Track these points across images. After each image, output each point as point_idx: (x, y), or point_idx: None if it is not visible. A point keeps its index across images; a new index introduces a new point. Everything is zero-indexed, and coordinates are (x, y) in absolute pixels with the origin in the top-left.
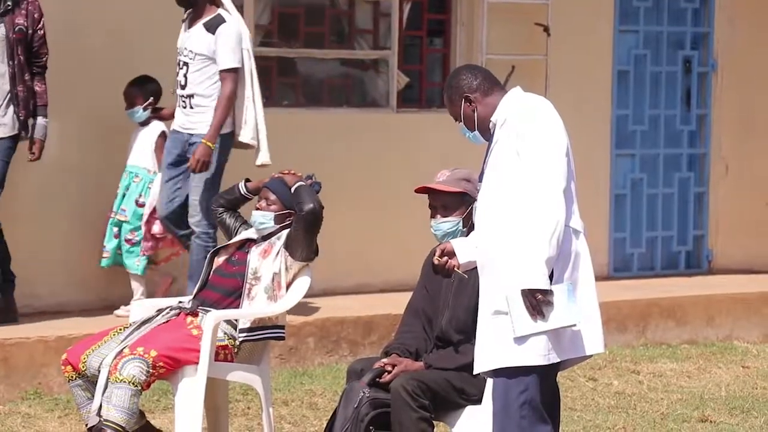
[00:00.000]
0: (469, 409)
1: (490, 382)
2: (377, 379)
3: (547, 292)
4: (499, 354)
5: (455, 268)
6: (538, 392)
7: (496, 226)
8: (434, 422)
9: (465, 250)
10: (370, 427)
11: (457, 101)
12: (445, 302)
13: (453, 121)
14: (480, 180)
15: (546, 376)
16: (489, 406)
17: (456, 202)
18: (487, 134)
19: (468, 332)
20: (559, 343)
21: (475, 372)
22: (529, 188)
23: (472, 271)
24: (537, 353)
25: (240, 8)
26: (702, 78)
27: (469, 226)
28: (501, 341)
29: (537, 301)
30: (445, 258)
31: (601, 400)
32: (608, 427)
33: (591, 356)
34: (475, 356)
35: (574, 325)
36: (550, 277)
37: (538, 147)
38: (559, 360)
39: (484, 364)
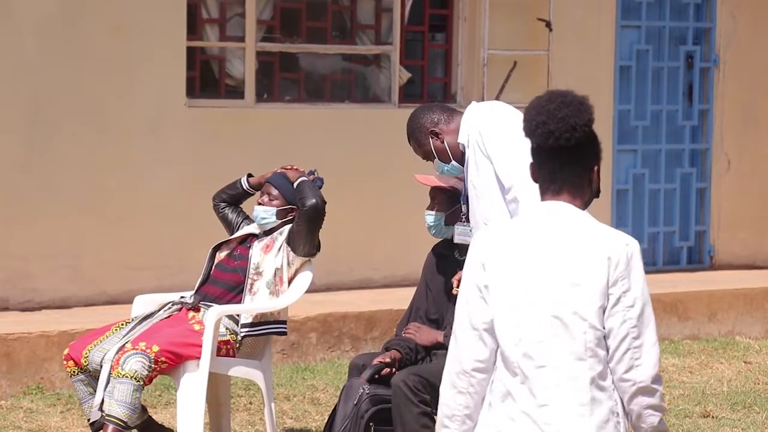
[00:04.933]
0: None
1: None
2: (376, 376)
3: None
4: None
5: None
6: None
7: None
8: (435, 417)
9: None
10: (371, 423)
11: (425, 140)
12: (451, 299)
13: None
14: (464, 202)
15: None
16: None
17: (442, 197)
18: (463, 160)
19: None
20: None
21: None
22: (508, 188)
23: None
24: None
25: (242, 4)
26: (704, 73)
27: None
28: None
29: None
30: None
31: None
32: None
33: None
34: None
35: None
36: None
37: (501, 144)
38: None
39: None
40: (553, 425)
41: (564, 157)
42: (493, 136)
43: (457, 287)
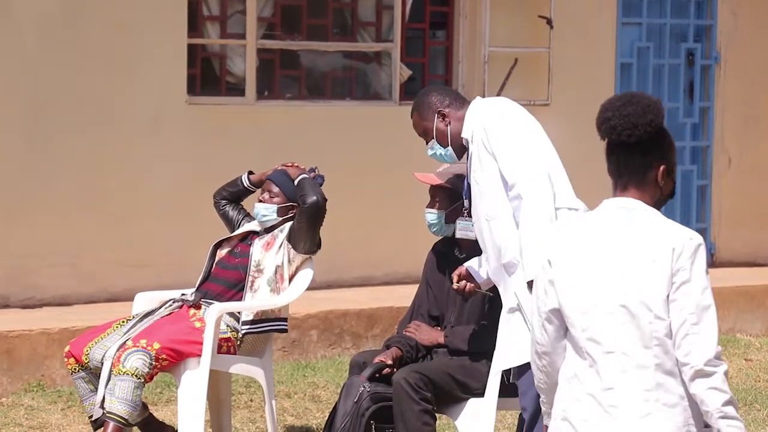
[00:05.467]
0: (472, 402)
1: (494, 377)
2: (377, 375)
3: None
4: (518, 351)
5: (475, 289)
6: None
7: (495, 234)
8: (437, 415)
9: (481, 270)
10: (371, 421)
11: (430, 117)
12: (453, 299)
13: None
14: (467, 197)
15: None
16: (492, 399)
17: (442, 196)
18: (461, 152)
19: (477, 325)
20: None
21: (497, 370)
22: (512, 184)
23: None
24: None
25: (243, 1)
26: (705, 70)
27: (454, 223)
28: (518, 338)
29: None
30: (464, 282)
31: None
32: None
33: None
34: (494, 356)
35: None
36: None
37: (506, 141)
38: None
39: (506, 362)
40: (618, 408)
41: (627, 153)
42: (498, 133)
43: (457, 282)
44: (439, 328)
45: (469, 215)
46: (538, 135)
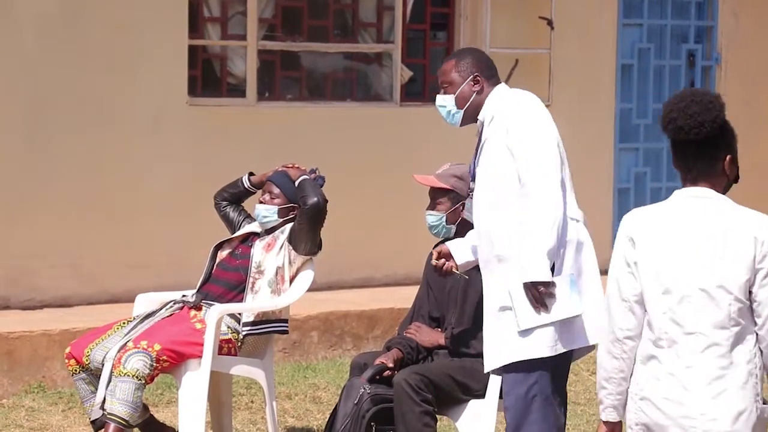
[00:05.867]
0: (473, 403)
1: (495, 378)
2: (377, 376)
3: (549, 284)
4: (507, 350)
5: (453, 269)
6: (548, 384)
7: (493, 224)
8: (437, 416)
9: (462, 251)
10: (372, 423)
11: (464, 74)
12: (454, 300)
13: None
14: (472, 179)
15: (557, 366)
16: (493, 401)
17: (443, 197)
18: (468, 122)
19: (478, 327)
20: (566, 333)
21: (486, 371)
22: (525, 183)
23: (473, 270)
24: (544, 345)
25: (243, 2)
26: (706, 71)
27: (457, 224)
28: (508, 337)
29: (540, 294)
30: (443, 260)
31: None
32: None
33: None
34: (484, 355)
35: (578, 316)
36: (552, 268)
37: (528, 141)
38: (565, 350)
39: (494, 362)
40: (696, 385)
41: (696, 150)
42: (520, 134)
43: (437, 259)
44: (439, 329)
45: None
46: (557, 140)
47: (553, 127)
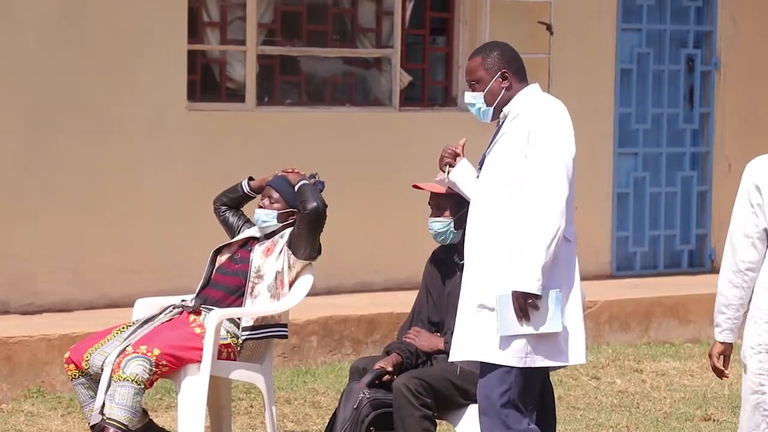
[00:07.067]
0: (472, 408)
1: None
2: (377, 381)
3: (537, 297)
4: (478, 348)
5: (445, 168)
6: (520, 391)
7: (491, 222)
8: (437, 421)
9: (464, 172)
10: (371, 428)
11: (494, 71)
12: (453, 305)
13: (455, 120)
14: (480, 166)
15: (530, 376)
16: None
17: (448, 203)
18: (495, 118)
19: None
20: (539, 349)
21: (450, 360)
22: (533, 192)
23: (460, 273)
24: (514, 355)
25: (243, 7)
26: (705, 76)
27: (463, 229)
28: (483, 336)
29: (526, 305)
30: (448, 160)
31: (603, 398)
32: (611, 426)
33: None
34: (452, 344)
35: (557, 333)
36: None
37: (547, 153)
38: (535, 366)
39: (462, 354)
40: None
41: None
42: (539, 142)
43: (447, 156)
44: (438, 334)
45: None
46: (573, 155)
47: (572, 142)
